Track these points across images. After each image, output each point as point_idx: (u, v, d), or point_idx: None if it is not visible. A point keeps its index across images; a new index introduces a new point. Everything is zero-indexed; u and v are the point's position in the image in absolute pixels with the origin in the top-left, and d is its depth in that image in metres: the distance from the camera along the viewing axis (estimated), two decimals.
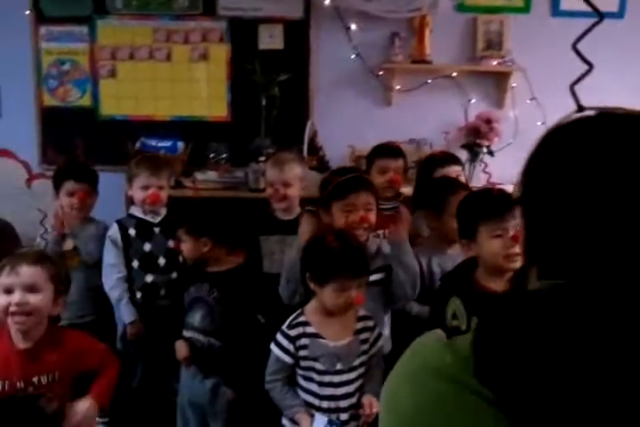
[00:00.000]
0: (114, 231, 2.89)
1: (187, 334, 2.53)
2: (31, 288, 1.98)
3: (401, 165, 3.05)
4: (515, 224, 1.90)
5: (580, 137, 0.69)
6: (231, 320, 2.45)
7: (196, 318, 2.51)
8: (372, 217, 2.46)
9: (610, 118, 0.70)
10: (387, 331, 2.50)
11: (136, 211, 2.93)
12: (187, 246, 2.53)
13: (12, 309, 1.95)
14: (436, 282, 2.51)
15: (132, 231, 2.89)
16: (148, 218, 2.91)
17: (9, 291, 1.97)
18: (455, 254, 2.57)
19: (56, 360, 2.03)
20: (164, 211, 2.96)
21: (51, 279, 2.02)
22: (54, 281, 2.03)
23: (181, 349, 2.53)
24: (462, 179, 3.00)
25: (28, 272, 1.98)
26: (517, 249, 1.88)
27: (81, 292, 2.95)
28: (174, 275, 2.90)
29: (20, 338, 2.00)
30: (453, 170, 3.01)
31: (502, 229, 1.98)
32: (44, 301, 2.00)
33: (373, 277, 2.39)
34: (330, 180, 2.55)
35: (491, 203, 2.05)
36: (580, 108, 0.73)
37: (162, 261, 2.89)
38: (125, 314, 2.85)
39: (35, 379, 1.99)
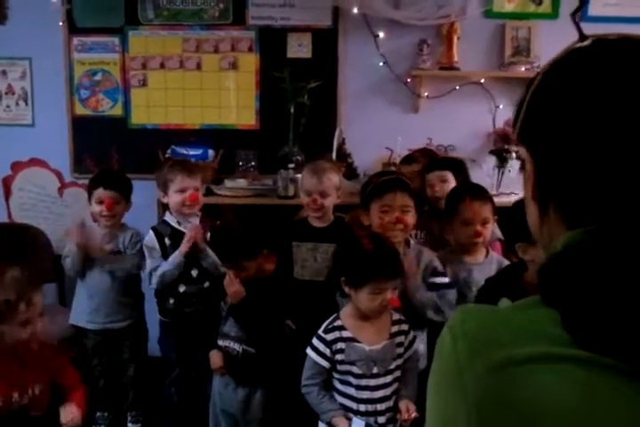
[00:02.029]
0: (150, 238, 2.89)
1: (221, 343, 2.53)
2: None
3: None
4: None
5: (583, 65, 0.65)
6: (263, 328, 2.46)
7: (233, 327, 2.51)
8: (409, 219, 2.45)
9: (606, 44, 0.66)
10: (422, 347, 2.45)
11: (170, 219, 2.90)
12: (248, 272, 2.51)
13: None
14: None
15: (167, 241, 2.87)
16: (181, 228, 2.87)
17: None
18: (473, 263, 2.58)
19: (41, 371, 2.12)
20: (196, 219, 2.91)
21: None
22: None
23: (215, 359, 2.53)
24: (449, 184, 2.97)
25: None
26: None
27: (114, 297, 2.99)
28: (206, 284, 2.88)
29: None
30: (436, 175, 3.02)
31: None
32: None
33: None
34: (370, 181, 2.58)
35: None
36: (583, 39, 0.67)
37: (194, 272, 2.86)
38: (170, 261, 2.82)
39: (30, 390, 2.07)
